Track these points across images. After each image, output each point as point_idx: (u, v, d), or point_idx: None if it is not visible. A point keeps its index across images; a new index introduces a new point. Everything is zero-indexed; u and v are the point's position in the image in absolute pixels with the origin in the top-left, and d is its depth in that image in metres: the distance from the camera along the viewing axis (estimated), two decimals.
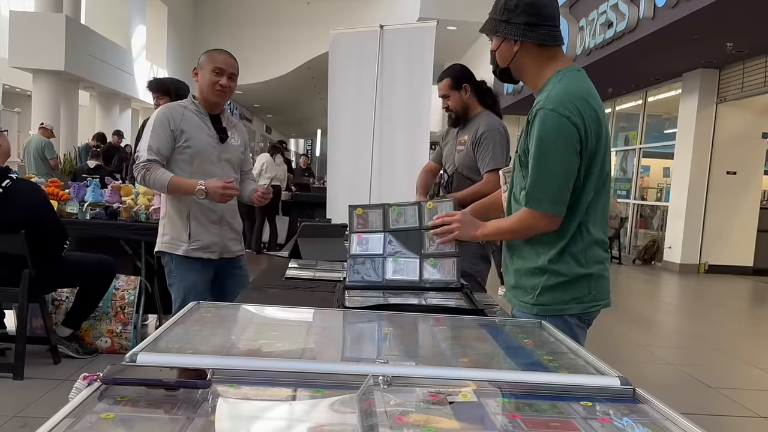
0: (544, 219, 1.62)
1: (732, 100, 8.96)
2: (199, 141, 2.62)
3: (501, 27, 1.67)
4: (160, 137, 2.57)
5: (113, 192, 4.23)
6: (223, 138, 2.69)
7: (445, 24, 12.83)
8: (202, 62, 2.64)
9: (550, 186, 1.59)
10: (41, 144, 9.63)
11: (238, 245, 2.83)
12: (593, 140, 1.61)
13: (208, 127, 2.66)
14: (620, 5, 7.83)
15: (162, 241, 2.70)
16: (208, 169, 2.62)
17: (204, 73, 2.62)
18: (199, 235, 2.64)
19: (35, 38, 13.06)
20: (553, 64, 1.69)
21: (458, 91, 3.09)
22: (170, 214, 2.68)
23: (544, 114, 1.58)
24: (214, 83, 2.60)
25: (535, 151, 1.59)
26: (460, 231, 1.81)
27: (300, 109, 27.62)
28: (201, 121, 2.65)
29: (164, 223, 2.71)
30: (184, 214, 2.63)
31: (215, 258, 2.69)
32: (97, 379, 0.89)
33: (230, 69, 2.64)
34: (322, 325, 1.43)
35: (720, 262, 9.37)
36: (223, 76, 2.61)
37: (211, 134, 2.66)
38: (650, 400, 0.94)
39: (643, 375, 4.08)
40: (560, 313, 1.66)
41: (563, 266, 1.65)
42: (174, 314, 1.28)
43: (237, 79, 2.70)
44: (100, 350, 3.79)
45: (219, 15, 21.00)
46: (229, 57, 2.67)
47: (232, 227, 2.76)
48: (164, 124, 2.58)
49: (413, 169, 5.03)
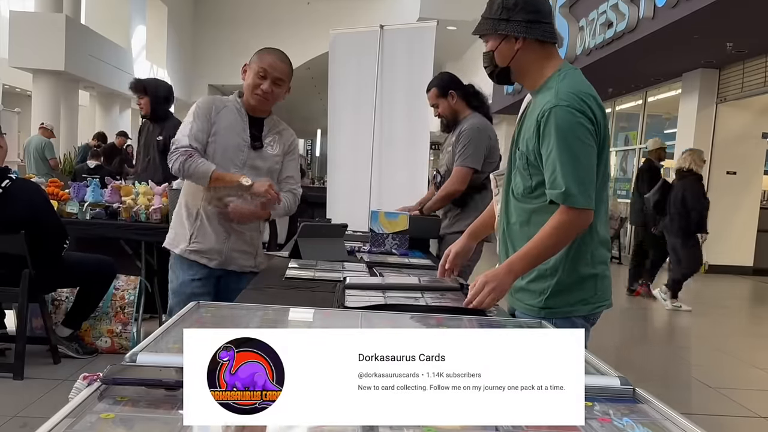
0: (583, 215, 1.58)
1: (732, 100, 8.95)
2: (225, 140, 2.40)
3: (501, 25, 1.67)
4: (201, 125, 2.38)
5: (113, 192, 4.23)
6: (255, 145, 2.45)
7: (445, 24, 12.82)
8: (251, 60, 2.43)
9: (581, 180, 1.56)
10: (41, 144, 9.63)
11: (248, 260, 2.55)
12: (602, 137, 1.62)
13: (244, 129, 2.44)
14: (620, 5, 7.83)
15: (168, 236, 2.56)
16: (230, 172, 2.37)
17: (249, 74, 2.40)
18: (202, 238, 2.45)
19: (35, 38, 13.05)
20: (552, 63, 1.70)
21: (445, 98, 3.28)
22: (180, 210, 2.52)
23: (559, 111, 1.57)
24: (255, 86, 2.38)
25: (558, 148, 1.56)
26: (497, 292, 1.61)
27: (300, 109, 27.61)
28: (238, 120, 2.43)
29: (174, 216, 2.57)
30: (194, 212, 2.46)
31: (213, 266, 2.47)
32: (97, 379, 0.89)
33: (276, 73, 2.38)
34: (322, 325, 1.43)
35: (720, 262, 9.36)
36: (266, 80, 2.37)
37: (243, 137, 2.43)
38: (650, 400, 0.94)
39: (642, 375, 4.07)
40: (568, 315, 1.66)
41: (574, 266, 1.65)
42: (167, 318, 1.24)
43: (287, 85, 2.45)
44: (100, 350, 3.79)
45: (219, 15, 21.01)
46: (279, 60, 2.40)
47: (243, 238, 2.51)
48: (206, 112, 2.39)
49: (413, 169, 5.04)
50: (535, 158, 1.64)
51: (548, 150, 1.58)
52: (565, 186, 1.55)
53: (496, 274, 1.62)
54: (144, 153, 4.76)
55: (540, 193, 1.66)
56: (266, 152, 2.48)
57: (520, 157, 1.70)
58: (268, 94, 2.38)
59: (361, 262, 2.68)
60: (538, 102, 1.66)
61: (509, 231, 1.78)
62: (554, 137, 1.57)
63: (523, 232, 1.70)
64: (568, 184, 1.55)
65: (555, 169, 1.57)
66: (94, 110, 17.41)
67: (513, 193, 1.75)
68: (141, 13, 18.64)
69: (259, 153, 2.46)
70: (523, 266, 1.63)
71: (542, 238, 1.60)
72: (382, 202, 4.79)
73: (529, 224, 1.68)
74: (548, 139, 1.58)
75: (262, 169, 2.46)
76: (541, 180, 1.64)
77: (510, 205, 1.77)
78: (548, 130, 1.58)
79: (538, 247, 1.60)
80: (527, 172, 1.68)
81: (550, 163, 1.58)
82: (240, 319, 1.47)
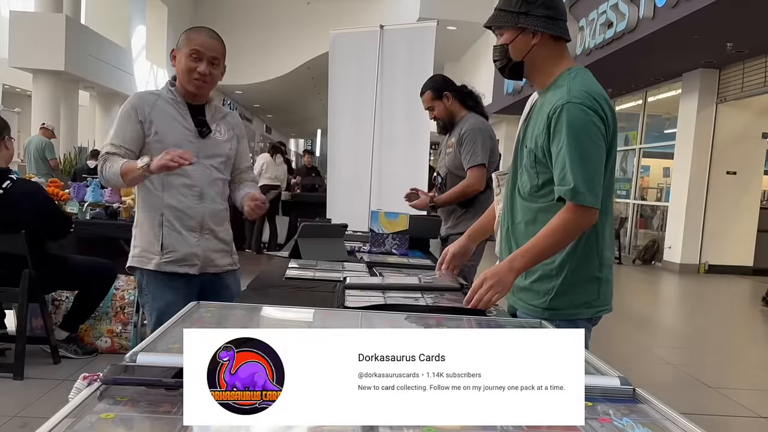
0: (588, 214, 1.57)
1: (732, 100, 8.96)
2: (171, 135, 2.18)
3: (521, 19, 1.66)
4: (124, 128, 2.17)
5: (113, 192, 4.23)
6: (203, 132, 2.24)
7: (445, 24, 12.82)
8: (179, 44, 2.19)
9: (589, 178, 1.55)
10: (41, 144, 9.63)
11: (225, 258, 2.35)
12: (611, 139, 1.62)
13: (185, 119, 2.22)
14: (620, 5, 7.83)
15: (132, 254, 2.27)
16: (185, 169, 2.09)
17: (180, 58, 2.17)
18: (174, 245, 2.21)
19: (35, 38, 13.05)
20: (562, 62, 1.70)
21: (440, 100, 3.26)
22: (141, 222, 2.26)
23: (572, 108, 1.56)
24: (190, 70, 2.15)
25: (569, 145, 1.55)
26: (497, 288, 1.57)
27: (300, 109, 27.62)
28: (176, 111, 2.22)
29: (135, 232, 2.29)
30: (156, 220, 2.21)
31: (195, 273, 2.25)
32: (97, 379, 0.89)
33: (211, 52, 2.17)
34: (322, 325, 1.43)
35: (720, 262, 9.37)
36: (201, 61, 2.15)
37: (188, 127, 2.22)
38: (650, 400, 0.94)
39: (643, 375, 4.07)
40: (572, 318, 1.65)
41: (579, 267, 1.64)
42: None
43: (223, 63, 2.24)
44: (100, 350, 3.79)
45: (219, 15, 20.99)
46: (210, 38, 2.19)
47: (216, 236, 2.30)
48: (130, 114, 2.18)
49: (413, 169, 5.04)
50: (544, 155, 1.63)
51: (559, 147, 1.58)
52: (574, 183, 1.54)
53: (497, 271, 1.59)
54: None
55: (547, 192, 1.65)
56: (215, 139, 2.28)
57: (527, 154, 1.69)
58: (207, 76, 2.17)
59: (361, 262, 2.68)
60: (548, 99, 1.65)
61: (514, 230, 1.76)
62: (565, 134, 1.56)
63: (529, 231, 1.68)
64: (576, 181, 1.54)
65: (564, 166, 1.56)
66: (94, 110, 17.41)
67: (519, 192, 1.74)
68: (141, 13, 18.64)
69: (209, 141, 2.26)
70: (524, 263, 1.59)
71: (545, 236, 1.58)
72: (382, 202, 4.80)
73: (535, 223, 1.67)
74: (559, 135, 1.58)
75: (215, 158, 2.28)
76: (548, 178, 1.64)
77: (515, 204, 1.76)
78: (559, 127, 1.57)
79: (542, 244, 1.58)
80: (534, 171, 1.67)
81: (560, 159, 1.57)
82: (240, 319, 1.47)
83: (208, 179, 2.25)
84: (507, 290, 1.59)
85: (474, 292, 1.57)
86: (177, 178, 2.19)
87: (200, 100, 2.27)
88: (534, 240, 1.60)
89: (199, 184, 2.23)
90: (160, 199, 2.21)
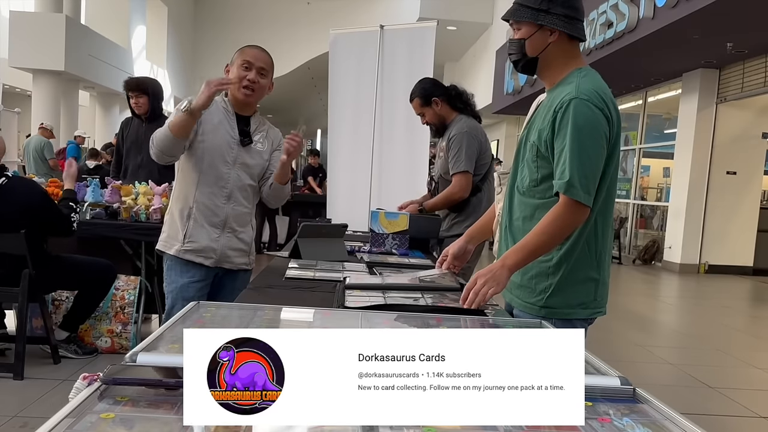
0: (579, 211, 1.57)
1: (732, 100, 8.96)
2: (214, 138, 2.44)
3: (541, 16, 1.67)
4: None
5: (113, 192, 4.22)
6: (244, 141, 2.49)
7: (445, 24, 12.83)
8: (233, 59, 2.48)
9: (585, 174, 1.56)
10: (41, 144, 9.63)
11: (242, 257, 2.59)
12: (614, 140, 1.62)
13: (231, 126, 2.48)
14: (620, 5, 7.83)
15: (161, 238, 2.57)
16: (220, 171, 2.44)
17: (233, 69, 2.45)
18: (196, 237, 2.47)
19: (35, 38, 13.07)
20: (574, 62, 1.72)
21: (429, 106, 3.27)
22: (172, 211, 2.54)
23: (579, 103, 1.58)
24: (241, 78, 2.41)
25: (571, 140, 1.57)
26: (490, 284, 1.56)
27: (300, 109, 27.62)
28: (225, 118, 2.48)
29: (166, 218, 2.59)
30: (186, 212, 2.48)
31: (209, 265, 2.50)
32: (97, 379, 0.89)
33: (259, 63, 2.44)
34: (322, 325, 1.43)
35: (720, 262, 9.37)
36: (251, 70, 2.42)
37: (232, 134, 2.47)
38: (650, 400, 0.94)
39: (643, 375, 4.08)
40: (568, 317, 1.66)
41: (577, 266, 1.65)
42: (165, 320, 1.23)
43: (271, 75, 2.52)
44: (100, 350, 3.79)
45: (219, 15, 21.02)
46: (260, 51, 2.49)
47: (237, 236, 2.54)
48: None
49: (413, 169, 5.04)
50: (546, 149, 1.64)
51: (562, 142, 1.59)
52: (570, 176, 1.56)
53: (490, 268, 1.60)
54: (135, 152, 4.68)
55: (545, 188, 1.66)
56: (255, 149, 2.54)
57: (530, 148, 1.70)
58: (255, 84, 2.43)
59: (361, 262, 2.68)
60: (555, 95, 1.67)
61: (511, 227, 1.77)
62: (570, 129, 1.57)
63: (526, 227, 1.69)
64: (572, 176, 1.55)
65: (565, 160, 1.57)
66: (94, 110, 17.43)
67: (518, 188, 1.75)
68: (141, 13, 18.65)
69: (247, 150, 2.51)
70: (516, 259, 1.60)
71: (538, 233, 1.59)
72: (382, 202, 4.79)
73: (533, 220, 1.68)
74: (564, 130, 1.59)
75: (251, 166, 2.52)
76: (548, 173, 1.65)
77: (514, 201, 1.77)
78: (565, 122, 1.59)
79: (534, 240, 1.59)
80: (535, 164, 1.68)
81: (562, 154, 1.59)
82: (240, 319, 1.46)
83: (239, 183, 2.50)
84: (502, 286, 1.59)
85: (468, 290, 1.57)
86: (212, 178, 2.44)
87: (248, 111, 2.54)
88: (527, 237, 1.61)
89: (230, 186, 2.48)
90: (192, 194, 2.46)
